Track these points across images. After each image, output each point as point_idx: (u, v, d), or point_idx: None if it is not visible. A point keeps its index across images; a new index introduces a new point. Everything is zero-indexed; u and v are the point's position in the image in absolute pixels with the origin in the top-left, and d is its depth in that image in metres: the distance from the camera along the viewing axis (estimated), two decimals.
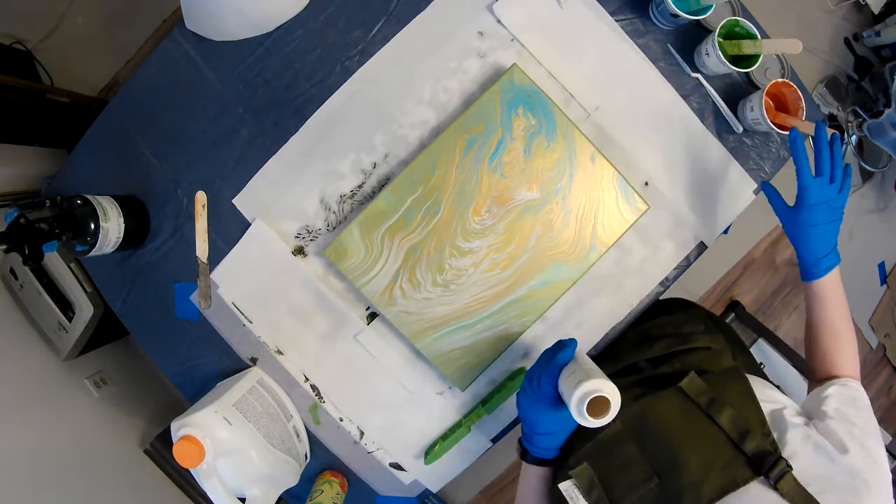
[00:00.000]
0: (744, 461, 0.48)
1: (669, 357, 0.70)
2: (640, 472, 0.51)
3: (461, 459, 0.84)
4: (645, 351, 0.73)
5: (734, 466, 0.48)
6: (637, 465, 0.52)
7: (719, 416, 0.52)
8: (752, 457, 0.48)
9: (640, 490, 0.50)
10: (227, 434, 0.68)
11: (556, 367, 0.58)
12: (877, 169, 1.91)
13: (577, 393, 0.52)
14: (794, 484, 0.46)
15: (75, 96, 1.40)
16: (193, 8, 0.74)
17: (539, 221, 0.75)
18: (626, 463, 0.52)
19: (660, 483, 0.49)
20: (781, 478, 0.46)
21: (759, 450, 0.49)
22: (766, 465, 0.47)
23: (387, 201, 0.74)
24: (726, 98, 0.79)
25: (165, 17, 1.51)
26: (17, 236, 0.65)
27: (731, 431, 0.50)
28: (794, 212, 0.65)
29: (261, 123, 0.79)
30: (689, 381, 0.56)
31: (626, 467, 0.52)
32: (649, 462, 0.51)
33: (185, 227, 0.81)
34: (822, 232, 0.63)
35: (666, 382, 0.58)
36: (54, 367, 1.03)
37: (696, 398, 0.54)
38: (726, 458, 0.49)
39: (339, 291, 0.80)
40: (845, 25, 1.86)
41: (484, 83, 0.77)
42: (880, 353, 2.01)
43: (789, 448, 0.50)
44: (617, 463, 0.53)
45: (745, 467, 0.48)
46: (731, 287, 1.80)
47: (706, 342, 0.73)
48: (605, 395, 0.51)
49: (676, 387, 0.56)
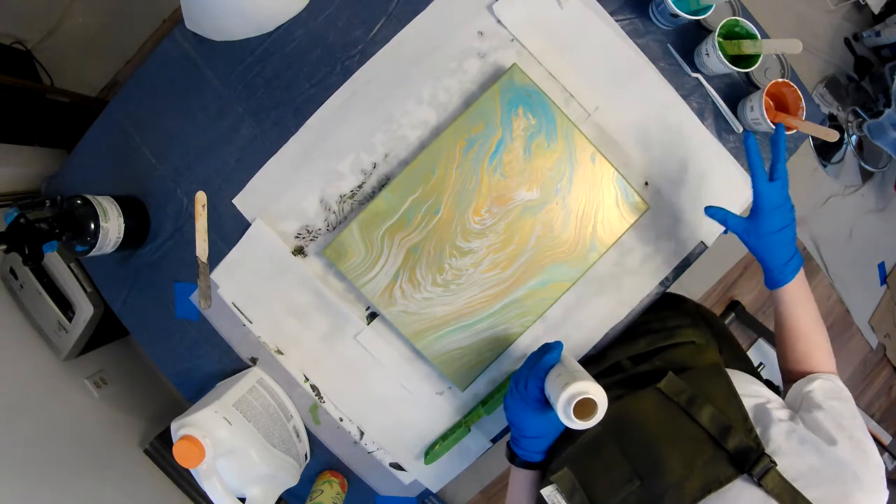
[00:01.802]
0: (726, 459, 0.48)
1: (652, 354, 0.70)
2: (622, 474, 0.51)
3: (461, 459, 0.84)
4: (628, 348, 0.73)
5: (716, 464, 0.48)
6: (619, 467, 0.51)
7: (699, 415, 0.51)
8: (735, 454, 0.48)
9: (622, 492, 0.49)
10: (227, 434, 0.68)
11: (543, 369, 0.58)
12: (877, 169, 1.91)
13: (563, 395, 0.52)
14: (779, 480, 0.45)
15: (75, 96, 1.40)
16: (193, 8, 0.74)
17: (539, 221, 0.75)
18: (607, 466, 0.52)
19: (641, 485, 0.49)
20: (766, 474, 0.45)
21: (742, 446, 0.48)
22: (748, 461, 0.47)
23: (387, 201, 0.74)
24: (726, 98, 0.79)
25: (165, 17, 1.52)
26: (17, 236, 0.65)
27: (712, 429, 0.50)
28: (754, 222, 0.63)
29: (261, 123, 0.79)
30: (668, 381, 0.56)
31: (608, 470, 0.52)
32: (631, 463, 0.51)
33: (185, 227, 0.81)
34: (785, 236, 0.62)
35: (645, 381, 0.58)
36: (54, 367, 1.03)
37: (675, 398, 0.54)
38: (707, 457, 0.48)
39: (339, 291, 0.80)
40: (845, 25, 1.86)
41: (484, 83, 0.77)
42: (880, 353, 2.01)
43: (773, 443, 0.49)
44: (599, 466, 0.53)
45: (728, 465, 0.47)
46: (731, 287, 1.80)
47: (690, 336, 0.72)
48: (591, 396, 0.51)
49: (654, 387, 0.56)
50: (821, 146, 1.86)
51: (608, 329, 0.80)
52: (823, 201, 1.88)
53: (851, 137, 1.85)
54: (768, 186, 0.62)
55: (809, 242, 1.86)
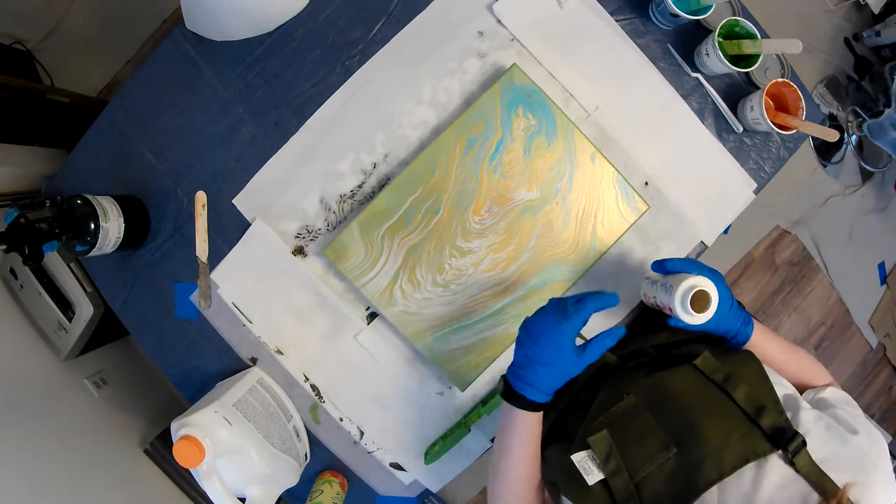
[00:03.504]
0: (762, 435, 0.49)
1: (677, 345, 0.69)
2: (658, 442, 0.50)
3: (461, 459, 0.84)
4: (650, 338, 0.72)
5: (753, 438, 0.48)
6: (654, 435, 0.51)
7: (735, 392, 0.52)
8: (770, 431, 0.49)
9: (659, 459, 0.49)
10: (227, 434, 0.68)
11: (606, 304, 0.57)
12: (877, 169, 1.91)
13: (681, 288, 0.56)
14: (808, 460, 0.46)
15: (75, 96, 1.40)
16: (193, 8, 0.74)
17: (539, 221, 0.75)
18: (642, 434, 0.52)
19: (678, 452, 0.49)
20: (797, 453, 0.47)
21: (776, 425, 0.49)
22: (783, 439, 0.48)
23: (387, 201, 0.74)
24: (726, 98, 0.79)
25: (165, 17, 1.51)
26: (17, 236, 0.65)
27: (747, 406, 0.51)
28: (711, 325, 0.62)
29: (261, 123, 0.79)
30: (704, 358, 0.56)
31: (643, 438, 0.51)
32: (668, 432, 0.51)
33: (185, 227, 0.81)
34: (735, 310, 0.62)
35: (677, 362, 0.58)
36: (54, 367, 1.03)
37: (711, 375, 0.54)
38: (745, 430, 0.49)
39: (339, 291, 0.80)
40: (845, 25, 1.86)
41: (484, 83, 0.77)
42: (880, 353, 2.01)
43: (803, 426, 0.50)
44: (633, 434, 0.52)
45: (764, 440, 0.48)
46: (730, 287, 1.80)
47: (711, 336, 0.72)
48: (706, 289, 0.56)
49: (691, 364, 0.56)
50: (821, 146, 1.86)
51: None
52: (823, 201, 1.88)
53: (851, 137, 1.85)
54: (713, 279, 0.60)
55: (809, 242, 1.86)
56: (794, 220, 1.84)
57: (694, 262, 0.62)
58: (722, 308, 0.60)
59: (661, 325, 0.75)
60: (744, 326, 0.63)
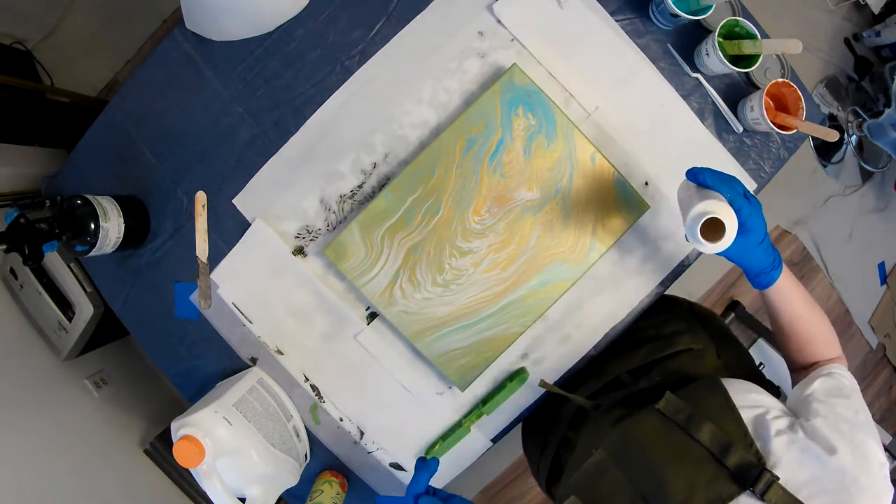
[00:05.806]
0: (728, 476, 0.48)
1: (650, 367, 0.70)
2: (627, 498, 0.51)
3: (461, 459, 0.84)
4: (627, 361, 0.73)
5: (718, 483, 0.48)
6: (623, 492, 0.52)
7: (699, 433, 0.52)
8: (736, 471, 0.48)
9: None
10: (227, 434, 0.68)
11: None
12: (877, 169, 1.91)
13: (694, 211, 0.52)
14: (782, 493, 0.46)
15: (75, 96, 1.40)
16: (193, 8, 0.74)
17: (539, 221, 0.75)
18: (612, 492, 0.53)
19: None
20: (768, 489, 0.46)
21: (743, 463, 0.48)
22: (750, 478, 0.47)
23: (387, 201, 0.74)
24: (726, 98, 0.79)
25: (165, 17, 1.52)
26: (17, 236, 0.65)
27: (713, 447, 0.50)
28: (740, 241, 0.59)
29: (261, 123, 0.79)
30: (666, 401, 0.56)
31: (613, 496, 0.53)
32: (635, 487, 0.52)
33: (185, 227, 0.81)
34: (766, 245, 0.60)
35: (646, 399, 0.59)
36: (54, 367, 1.03)
37: (675, 417, 0.54)
38: (710, 476, 0.49)
39: (339, 291, 0.80)
40: (845, 25, 1.86)
41: (484, 83, 0.77)
42: (880, 353, 2.01)
43: (774, 456, 0.49)
44: (604, 492, 0.54)
45: (730, 482, 0.48)
46: (731, 287, 1.80)
47: (687, 343, 0.73)
48: (720, 217, 0.50)
49: (654, 408, 0.56)
50: (821, 146, 1.86)
51: (608, 329, 0.80)
52: (823, 201, 1.88)
53: (851, 137, 1.85)
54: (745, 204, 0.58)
55: (809, 242, 1.86)
56: (794, 220, 1.84)
57: (730, 182, 0.57)
58: (751, 240, 0.57)
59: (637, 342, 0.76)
60: (772, 269, 0.60)
